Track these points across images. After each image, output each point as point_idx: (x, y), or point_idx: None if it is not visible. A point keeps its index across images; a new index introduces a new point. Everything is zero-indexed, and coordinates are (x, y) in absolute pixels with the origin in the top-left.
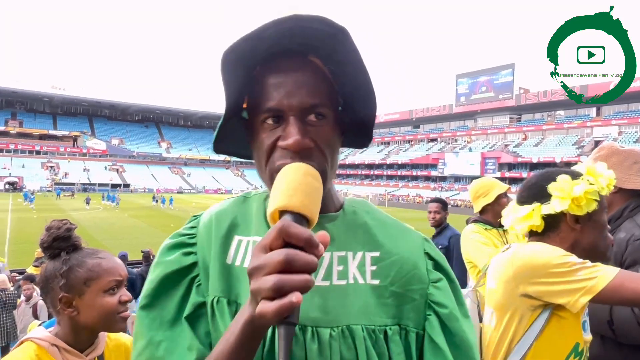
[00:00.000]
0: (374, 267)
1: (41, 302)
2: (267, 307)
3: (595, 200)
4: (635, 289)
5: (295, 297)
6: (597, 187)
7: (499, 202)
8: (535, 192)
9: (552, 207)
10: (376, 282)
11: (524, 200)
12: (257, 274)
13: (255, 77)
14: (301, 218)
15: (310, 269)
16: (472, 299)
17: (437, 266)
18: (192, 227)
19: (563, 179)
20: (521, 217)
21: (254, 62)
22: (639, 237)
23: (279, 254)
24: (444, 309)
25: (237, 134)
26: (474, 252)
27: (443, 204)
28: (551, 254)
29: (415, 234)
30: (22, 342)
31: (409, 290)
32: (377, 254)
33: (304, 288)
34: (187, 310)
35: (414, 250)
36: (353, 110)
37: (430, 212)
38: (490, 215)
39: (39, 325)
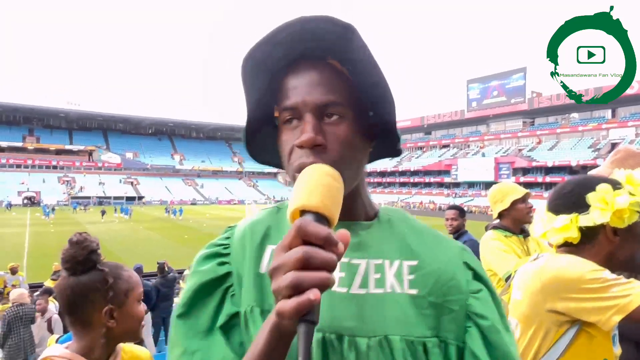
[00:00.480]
0: (411, 276)
1: (56, 317)
2: (285, 304)
3: (637, 211)
4: None
5: (313, 294)
6: (638, 197)
7: (515, 207)
8: (573, 202)
9: (592, 218)
10: (414, 291)
11: (558, 209)
12: (277, 274)
13: (278, 84)
14: (321, 218)
15: (329, 267)
16: None
17: (477, 276)
18: (226, 238)
19: (604, 188)
20: (557, 228)
21: (274, 68)
22: None
23: (297, 252)
24: (484, 320)
25: (272, 143)
26: (495, 259)
27: (460, 211)
28: (583, 268)
29: (453, 243)
30: None
31: (448, 301)
32: (414, 262)
33: (323, 285)
34: (221, 320)
35: (452, 260)
36: (375, 112)
37: (447, 219)
38: (508, 221)
39: (56, 340)
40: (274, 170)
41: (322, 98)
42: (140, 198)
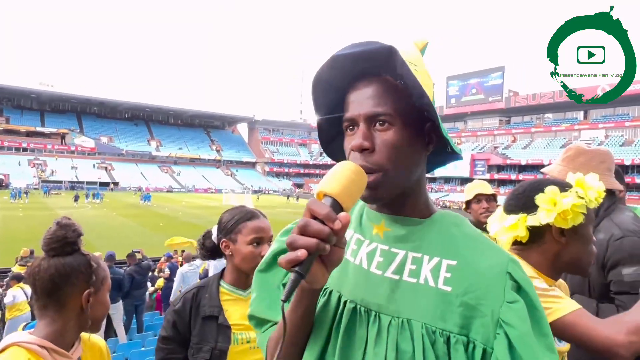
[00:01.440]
0: (448, 275)
1: None
2: (281, 257)
3: (583, 213)
4: (585, 332)
5: (300, 252)
6: (586, 199)
7: (470, 207)
8: (523, 202)
9: (538, 218)
10: (448, 288)
11: (511, 209)
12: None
13: (344, 99)
14: (335, 201)
15: (321, 236)
16: None
17: (519, 289)
18: None
19: (551, 190)
20: (506, 227)
21: (340, 86)
22: (619, 236)
23: (300, 221)
24: (513, 329)
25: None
26: None
27: None
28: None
29: (501, 252)
30: (5, 348)
31: (481, 305)
32: (454, 262)
33: (309, 247)
34: (285, 279)
35: (495, 268)
36: (423, 117)
37: None
38: (472, 215)
39: (23, 327)
40: (252, 159)
41: (372, 110)
42: (115, 184)
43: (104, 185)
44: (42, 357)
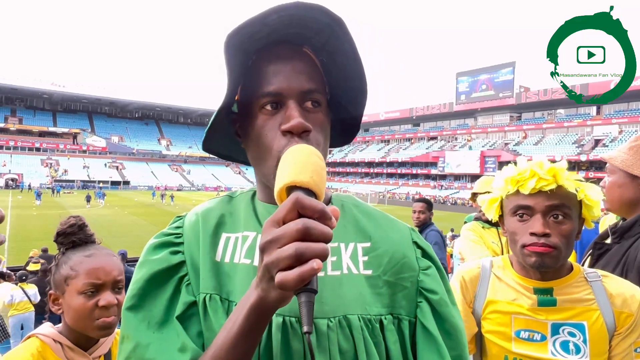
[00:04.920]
0: (365, 258)
1: None
2: (287, 275)
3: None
4: None
5: (316, 263)
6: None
7: (475, 198)
8: None
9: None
10: (369, 272)
11: None
12: (272, 247)
13: (251, 66)
14: (311, 194)
15: (326, 239)
16: None
17: (425, 254)
18: (177, 227)
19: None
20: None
21: (253, 48)
22: None
23: (297, 224)
24: (434, 295)
25: (224, 132)
26: (465, 249)
27: (428, 204)
28: (454, 285)
29: (401, 224)
30: (28, 337)
31: (401, 279)
32: (367, 244)
33: (322, 255)
34: (178, 309)
35: (403, 240)
36: (340, 103)
37: (415, 211)
38: (482, 213)
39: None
40: None
41: (307, 85)
42: (126, 183)
43: (115, 184)
44: (52, 350)
